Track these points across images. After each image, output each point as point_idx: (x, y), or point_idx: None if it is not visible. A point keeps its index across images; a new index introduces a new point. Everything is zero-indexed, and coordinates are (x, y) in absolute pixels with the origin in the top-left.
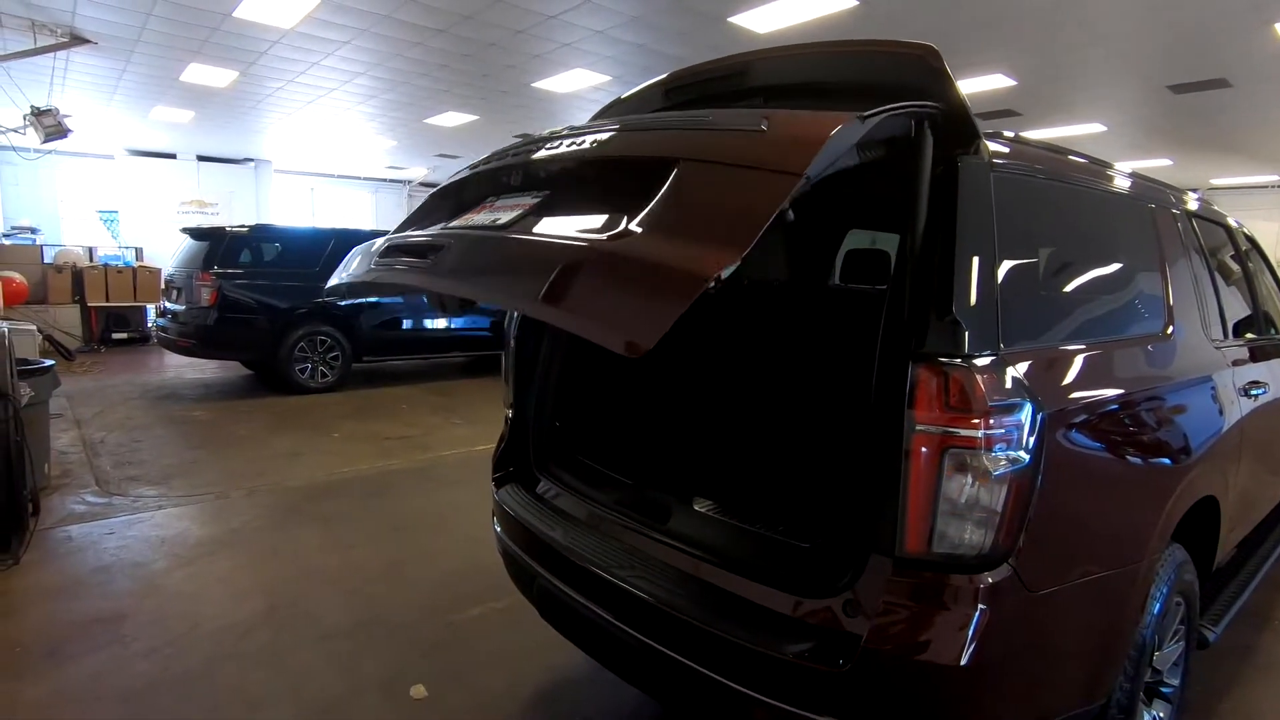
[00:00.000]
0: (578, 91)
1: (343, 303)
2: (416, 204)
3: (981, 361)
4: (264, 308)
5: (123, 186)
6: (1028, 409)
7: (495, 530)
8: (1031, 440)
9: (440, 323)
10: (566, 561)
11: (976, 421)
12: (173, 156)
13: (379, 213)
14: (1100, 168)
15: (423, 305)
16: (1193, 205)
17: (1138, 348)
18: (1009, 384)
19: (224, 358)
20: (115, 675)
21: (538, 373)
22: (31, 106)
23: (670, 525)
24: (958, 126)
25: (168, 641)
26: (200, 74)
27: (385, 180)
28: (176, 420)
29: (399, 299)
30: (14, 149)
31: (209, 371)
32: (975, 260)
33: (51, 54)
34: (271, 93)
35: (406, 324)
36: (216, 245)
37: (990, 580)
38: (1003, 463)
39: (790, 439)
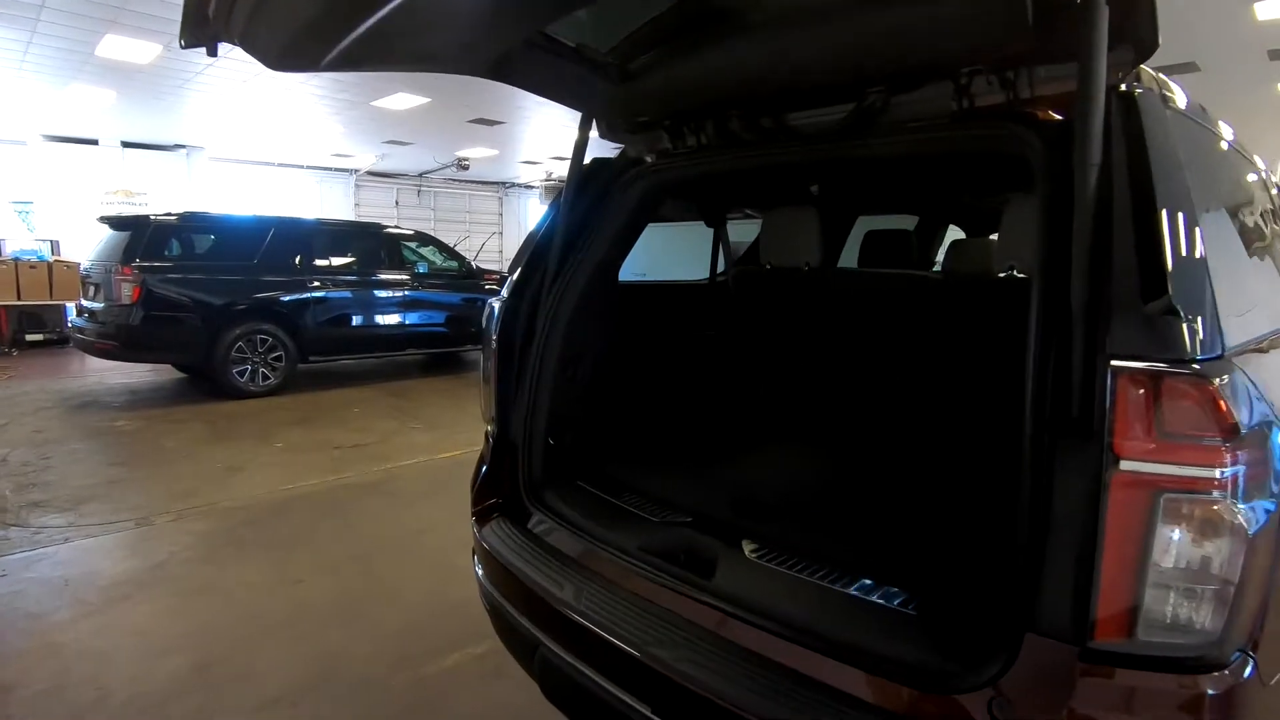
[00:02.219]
0: None
1: (285, 298)
2: (364, 194)
3: (1213, 367)
4: (196, 304)
5: (38, 175)
6: None
7: (478, 576)
8: None
9: (394, 318)
10: (582, 630)
11: (1216, 455)
12: (95, 143)
13: (324, 202)
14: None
15: (374, 300)
16: None
17: None
18: (1253, 399)
19: (149, 360)
20: None
21: (527, 379)
22: None
23: (717, 580)
24: (1136, 27)
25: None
26: (118, 47)
27: (331, 169)
28: (96, 432)
29: (347, 293)
30: None
31: (137, 375)
32: (1180, 225)
33: None
34: (201, 70)
35: (357, 320)
36: (139, 236)
37: (1225, 683)
38: (1249, 514)
39: (876, 463)
